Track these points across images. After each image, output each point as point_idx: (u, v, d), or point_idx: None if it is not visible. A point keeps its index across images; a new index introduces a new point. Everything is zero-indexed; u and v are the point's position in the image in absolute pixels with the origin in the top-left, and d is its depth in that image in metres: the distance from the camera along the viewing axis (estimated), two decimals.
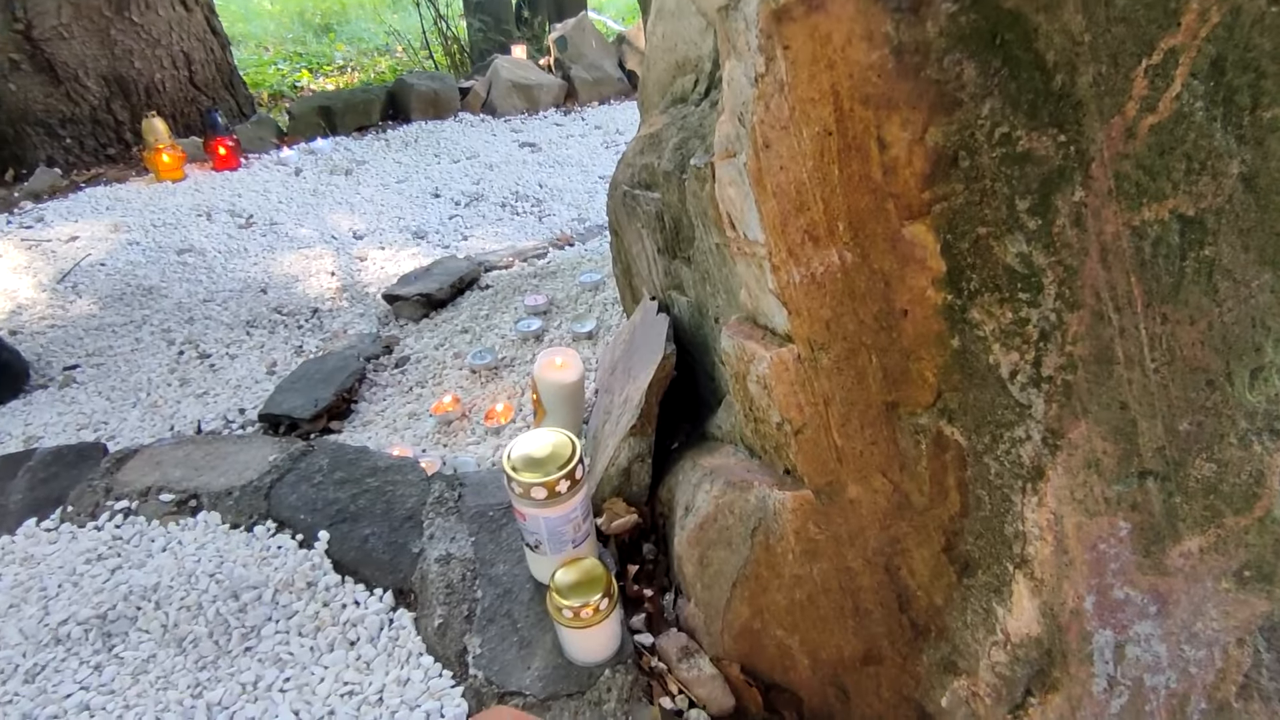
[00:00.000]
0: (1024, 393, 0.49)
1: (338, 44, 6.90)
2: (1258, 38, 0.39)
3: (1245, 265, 0.44)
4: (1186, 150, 0.42)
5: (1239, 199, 0.42)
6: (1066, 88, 0.42)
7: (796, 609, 0.71)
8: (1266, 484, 0.49)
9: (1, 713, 0.78)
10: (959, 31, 0.42)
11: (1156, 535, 0.51)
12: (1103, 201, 0.43)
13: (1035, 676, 0.58)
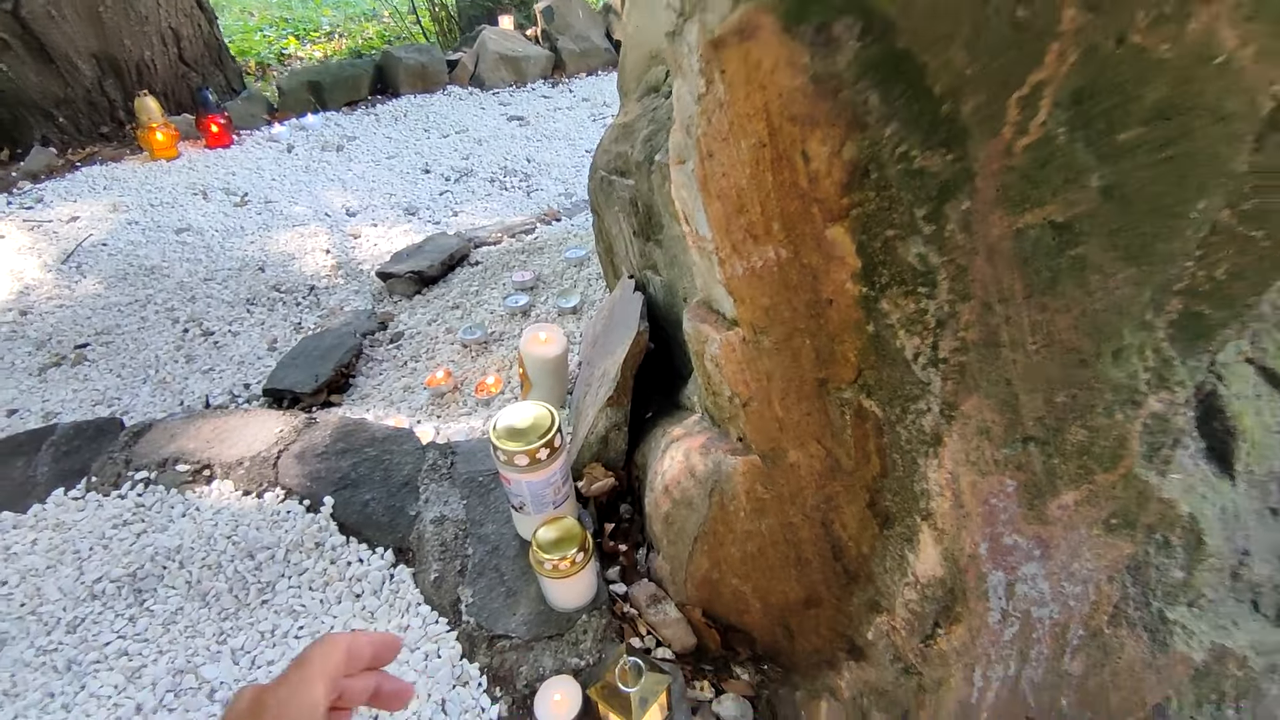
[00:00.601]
0: (925, 372, 0.58)
1: (324, 9, 6.80)
2: (1109, 74, 0.47)
3: (1110, 262, 0.52)
4: (1055, 166, 0.49)
5: (1102, 207, 0.50)
6: (953, 114, 0.49)
7: (748, 560, 0.81)
8: (1128, 447, 0.58)
9: (50, 659, 0.88)
10: (863, 65, 0.49)
11: (1038, 491, 0.60)
12: (987, 209, 0.51)
13: (941, 611, 0.67)
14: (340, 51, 5.61)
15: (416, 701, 0.81)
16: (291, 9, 6.94)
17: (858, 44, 0.48)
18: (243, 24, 6.30)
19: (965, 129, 0.49)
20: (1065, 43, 0.46)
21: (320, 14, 6.63)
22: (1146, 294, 0.53)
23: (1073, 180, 0.49)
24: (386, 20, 6.30)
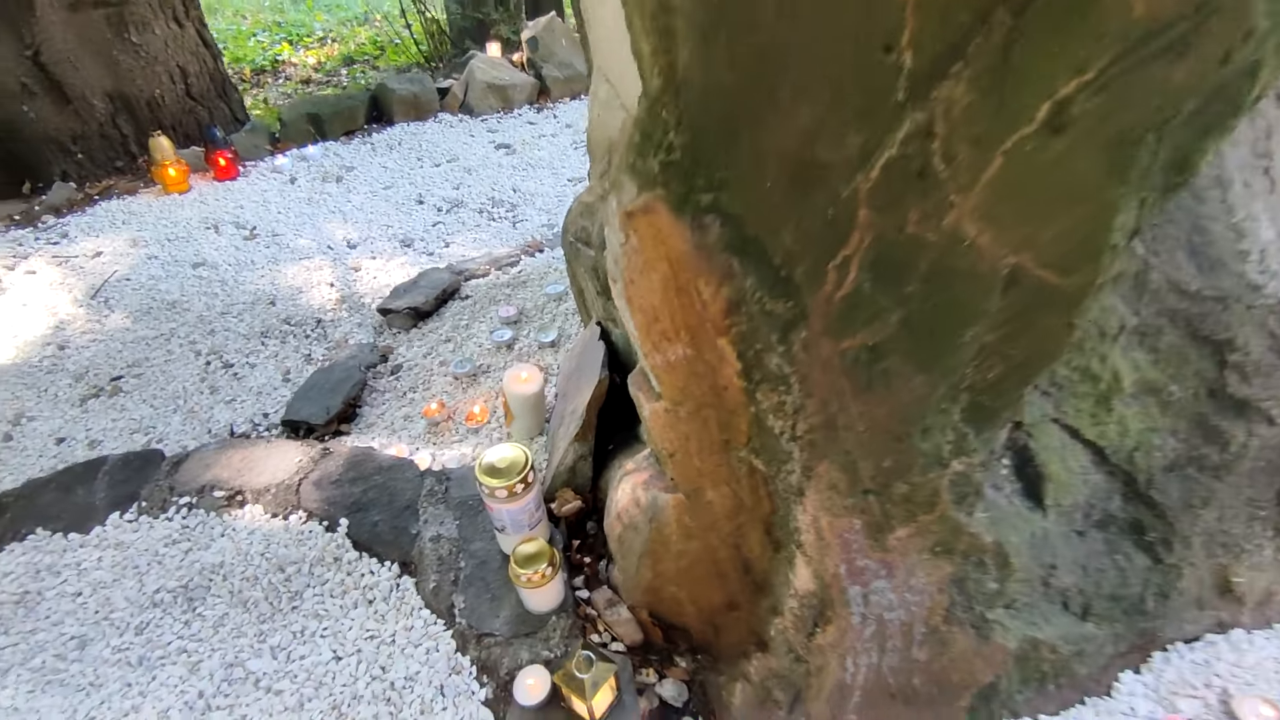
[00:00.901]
0: (789, 444, 0.79)
1: (316, 13, 6.90)
2: (894, 250, 0.67)
3: (909, 372, 0.73)
4: (863, 308, 0.70)
5: (899, 334, 0.71)
6: (789, 276, 0.69)
7: (682, 573, 1.02)
8: (940, 496, 0.79)
9: (124, 656, 1.09)
10: (725, 242, 0.69)
11: (879, 528, 0.81)
12: (819, 337, 0.71)
13: (818, 615, 0.89)
14: (333, 58, 5.74)
15: (421, 685, 1.03)
16: (283, 12, 7.04)
17: (720, 229, 0.69)
18: (235, 28, 6.41)
19: (798, 286, 0.70)
20: (862, 231, 0.67)
21: (313, 18, 6.74)
22: (940, 391, 0.74)
23: (876, 317, 0.70)
24: (379, 24, 6.42)
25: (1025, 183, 0.63)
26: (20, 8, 2.30)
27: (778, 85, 0.61)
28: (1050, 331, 0.71)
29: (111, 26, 2.45)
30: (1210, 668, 1.04)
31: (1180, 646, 1.07)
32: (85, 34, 2.42)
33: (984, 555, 0.85)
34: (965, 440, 0.77)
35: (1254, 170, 0.93)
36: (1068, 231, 0.65)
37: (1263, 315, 0.92)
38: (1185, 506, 0.98)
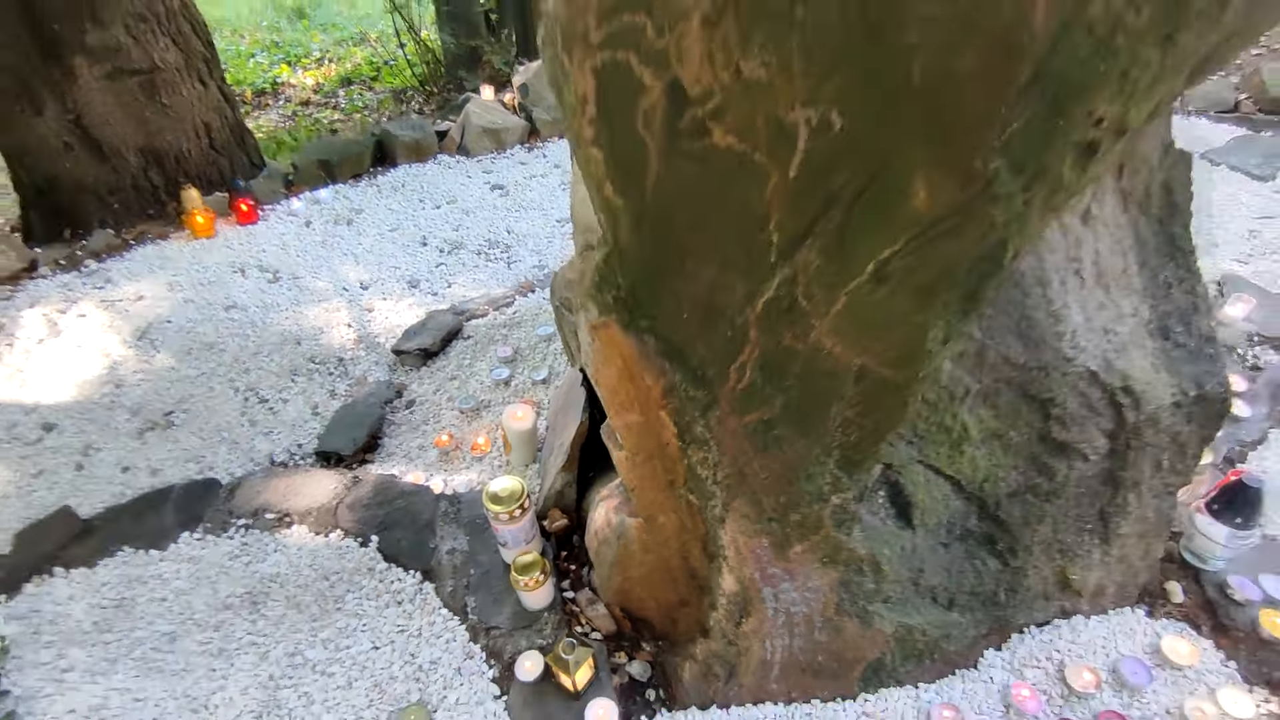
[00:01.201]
0: (712, 487, 1.08)
1: (313, 33, 7.15)
2: (777, 356, 0.97)
3: (793, 437, 1.02)
4: (758, 395, 0.99)
5: (784, 413, 1.00)
6: (703, 374, 0.98)
7: (644, 579, 1.32)
8: (824, 523, 1.09)
9: (208, 648, 1.38)
10: (659, 350, 0.99)
11: (781, 545, 1.11)
12: (728, 415, 1.01)
13: (741, 610, 1.19)
14: (331, 79, 6.00)
15: (442, 667, 1.32)
16: (280, 32, 7.29)
17: (655, 342, 0.99)
18: (235, 48, 6.66)
19: (710, 380, 1.00)
20: (752, 345, 0.96)
21: (310, 39, 6.99)
22: (816, 450, 1.04)
23: (766, 402, 1.00)
24: (374, 44, 6.67)
25: (862, 313, 0.93)
26: (64, 78, 2.57)
27: (686, 257, 0.91)
28: (891, 408, 1.01)
29: (144, 91, 2.72)
30: (1053, 644, 1.35)
31: (1033, 629, 1.38)
32: (121, 98, 2.69)
33: (862, 564, 1.15)
34: (840, 481, 1.07)
35: (1067, 271, 1.23)
36: (894, 343, 0.95)
37: (1074, 380, 1.22)
38: (1025, 523, 1.28)
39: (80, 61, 2.56)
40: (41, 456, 1.96)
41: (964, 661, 1.33)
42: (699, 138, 0.83)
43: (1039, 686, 1.30)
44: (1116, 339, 1.25)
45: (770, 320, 0.94)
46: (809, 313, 0.93)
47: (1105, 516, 1.33)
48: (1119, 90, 0.82)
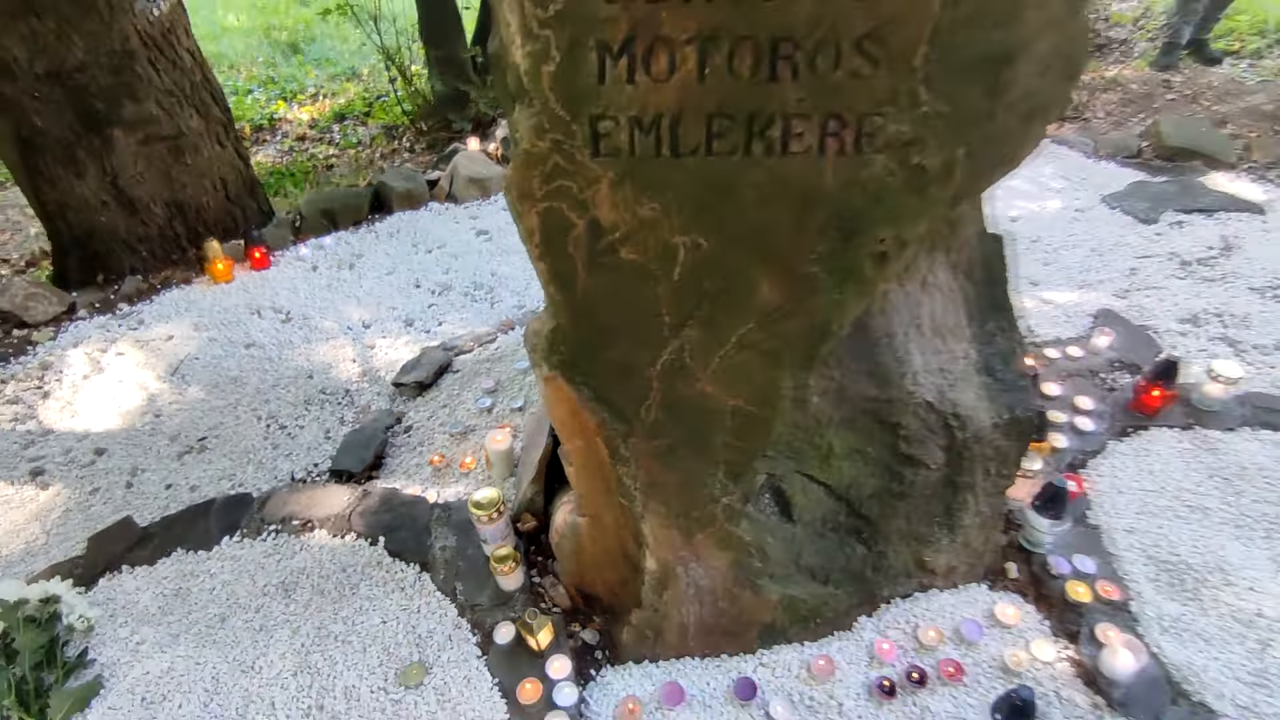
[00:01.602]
0: (635, 492, 1.47)
1: (307, 68, 7.52)
2: (674, 401, 1.36)
3: (689, 456, 1.42)
4: (661, 427, 1.38)
5: (680, 442, 1.40)
6: (623, 412, 1.38)
7: (593, 564, 1.71)
8: (717, 518, 1.49)
9: (251, 626, 1.76)
10: (592, 397, 1.38)
11: (687, 534, 1.51)
12: (640, 441, 1.40)
13: (662, 584, 1.58)
14: (326, 115, 6.38)
15: (437, 636, 1.71)
16: (275, 67, 7.65)
17: (589, 391, 1.39)
18: (232, 84, 7.01)
19: (628, 417, 1.39)
20: (655, 393, 1.36)
21: (305, 74, 7.37)
22: (707, 465, 1.44)
23: (668, 433, 1.40)
24: (366, 80, 7.05)
25: (730, 370, 1.33)
26: (104, 146, 2.96)
27: (607, 334, 1.31)
28: (758, 434, 1.41)
29: (171, 153, 3.11)
30: (911, 611, 1.75)
31: (897, 600, 1.77)
32: (151, 160, 3.08)
33: (750, 549, 1.55)
34: (727, 487, 1.47)
35: (910, 326, 1.64)
36: (755, 390, 1.36)
37: (916, 409, 1.62)
38: (884, 517, 1.69)
39: (118, 132, 2.95)
40: (95, 477, 2.33)
41: (841, 625, 1.73)
42: (611, 255, 1.24)
43: (898, 643, 1.69)
44: (950, 376, 1.65)
45: (667, 376, 1.34)
46: (693, 370, 1.34)
47: (950, 511, 1.73)
48: (891, 222, 1.23)
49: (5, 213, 4.45)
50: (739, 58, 1.07)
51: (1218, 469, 2.09)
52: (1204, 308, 2.80)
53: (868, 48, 1.07)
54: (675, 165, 1.15)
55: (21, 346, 2.86)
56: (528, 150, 1.15)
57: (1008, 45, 1.11)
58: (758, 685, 1.61)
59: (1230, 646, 1.66)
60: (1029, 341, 2.67)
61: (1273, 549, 1.87)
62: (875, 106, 1.11)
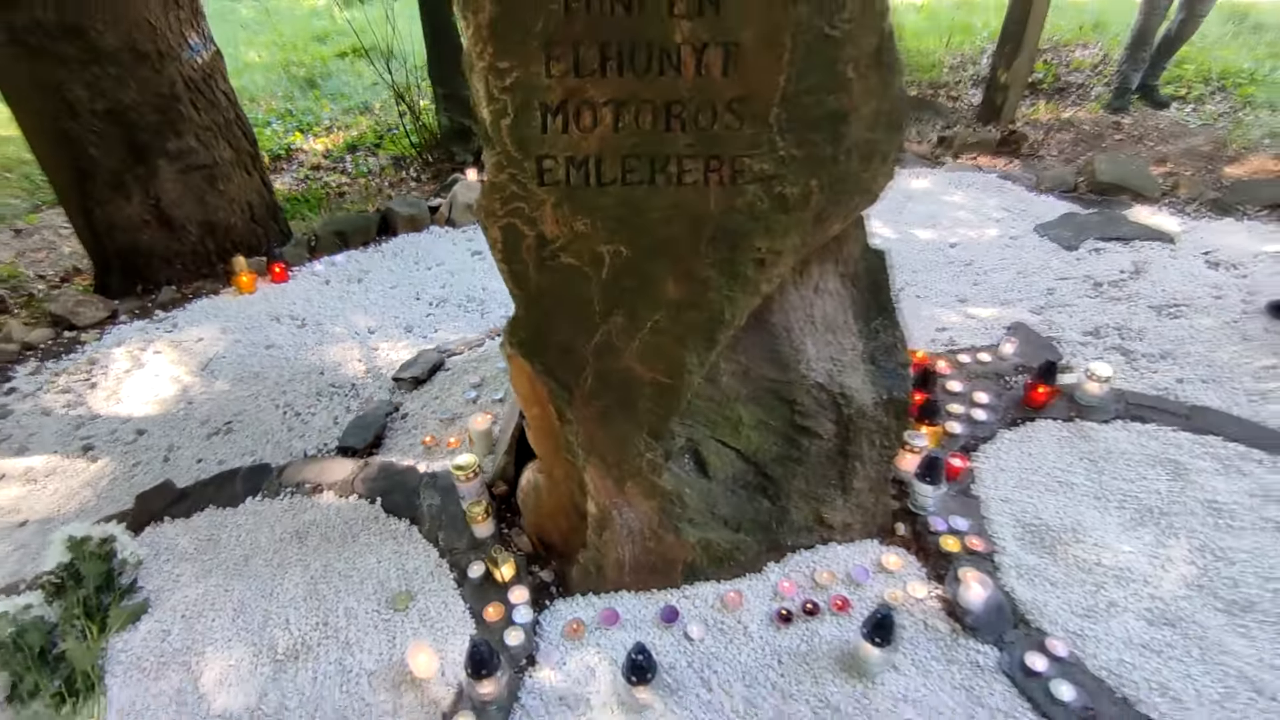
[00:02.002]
0: (578, 450, 1.86)
1: (323, 102, 8.04)
2: (605, 374, 1.76)
3: (620, 419, 1.82)
4: (597, 394, 1.78)
5: (613, 403, 1.79)
6: (567, 383, 1.77)
7: (550, 515, 2.10)
8: (642, 470, 1.88)
9: (273, 564, 2.14)
10: (544, 371, 1.78)
11: (619, 483, 1.89)
12: (582, 405, 1.79)
13: (600, 526, 1.96)
14: (339, 146, 6.87)
15: (422, 574, 2.09)
16: (294, 100, 8.17)
17: (542, 367, 1.79)
18: (253, 116, 7.52)
19: (570, 387, 1.79)
20: (590, 367, 1.76)
21: (320, 108, 7.88)
22: (633, 426, 1.83)
23: (601, 397, 1.79)
24: (377, 113, 7.56)
25: (648, 349, 1.74)
26: (148, 174, 3.42)
27: (553, 321, 1.72)
28: (672, 401, 1.81)
29: (205, 181, 3.57)
30: (812, 559, 2.13)
31: (801, 551, 2.15)
32: (188, 187, 3.53)
33: (671, 498, 1.94)
34: (650, 445, 1.86)
35: (805, 322, 2.04)
36: (668, 366, 1.76)
37: (809, 388, 2.02)
38: (786, 478, 2.07)
39: (162, 162, 3.41)
40: (138, 453, 2.73)
41: (752, 568, 2.10)
42: (554, 259, 1.65)
43: (797, 583, 2.07)
44: (839, 364, 2.05)
45: (599, 353, 1.75)
46: (619, 349, 1.74)
47: (842, 475, 2.12)
48: (766, 235, 1.64)
49: (41, 234, 4.91)
50: (642, 116, 1.49)
51: (1087, 453, 2.47)
52: (1106, 322, 3.20)
53: (736, 108, 1.49)
54: (600, 192, 1.57)
55: (71, 346, 3.29)
56: (491, 180, 1.58)
57: (841, 108, 1.53)
58: (679, 612, 1.99)
59: (1071, 589, 2.03)
60: (949, 350, 3.07)
61: (1122, 516, 2.24)
62: (743, 150, 1.53)
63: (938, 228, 4.12)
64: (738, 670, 1.86)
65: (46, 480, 2.59)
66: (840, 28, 1.44)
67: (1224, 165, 5.13)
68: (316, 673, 1.85)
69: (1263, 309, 3.20)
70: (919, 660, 1.88)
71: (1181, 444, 2.50)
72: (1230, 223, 4.07)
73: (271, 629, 1.96)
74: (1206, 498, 2.29)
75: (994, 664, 1.85)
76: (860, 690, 1.81)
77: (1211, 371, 2.87)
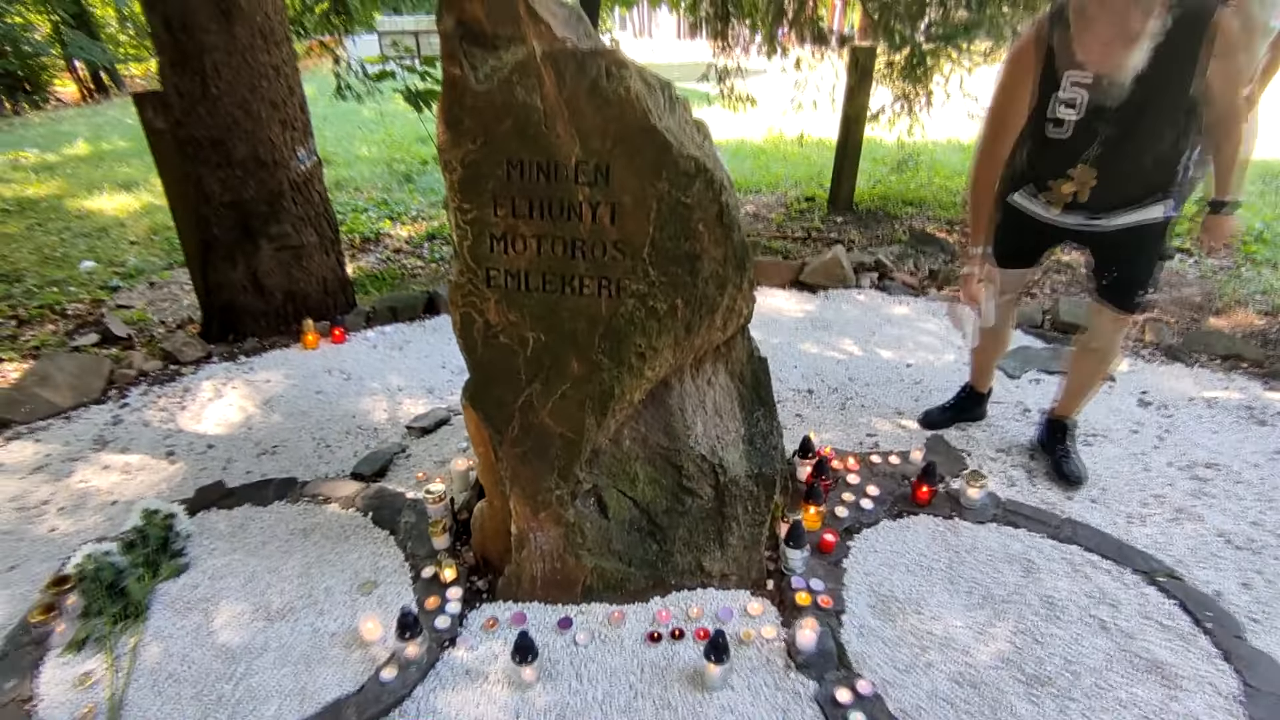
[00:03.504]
0: (506, 482, 2.48)
1: (414, 195, 9.27)
2: (528, 426, 2.40)
3: (536, 461, 2.44)
4: (519, 441, 2.41)
5: (530, 449, 2.42)
6: (499, 431, 2.41)
7: (491, 537, 2.71)
8: (552, 504, 2.48)
9: (283, 549, 2.82)
10: (485, 419, 2.43)
11: (535, 512, 2.49)
12: (509, 448, 2.43)
13: (520, 545, 2.56)
14: (420, 234, 7.92)
15: (389, 570, 2.72)
16: (390, 192, 9.43)
17: (483, 417, 2.46)
18: (353, 204, 8.75)
19: (500, 432, 2.44)
20: (516, 419, 2.41)
21: (411, 199, 9.10)
22: (546, 467, 2.45)
23: (523, 444, 2.43)
24: None
25: (558, 410, 2.38)
26: (253, 250, 4.38)
27: (493, 382, 2.39)
28: (575, 452, 2.43)
29: (293, 259, 4.51)
30: (689, 598, 2.64)
31: (684, 590, 2.67)
32: (280, 262, 4.48)
33: (574, 529, 2.53)
34: (559, 483, 2.48)
35: (697, 405, 2.65)
36: (572, 424, 2.40)
37: (694, 458, 2.60)
38: (672, 528, 2.63)
39: (263, 242, 4.38)
40: (205, 461, 3.51)
41: (639, 597, 2.63)
42: (495, 339, 2.34)
43: (673, 614, 2.59)
44: (721, 441, 2.64)
45: (523, 410, 2.40)
46: (538, 408, 2.40)
47: (720, 532, 2.66)
48: (644, 336, 2.30)
49: (169, 288, 6.01)
50: (556, 246, 2.20)
51: (954, 545, 2.92)
52: (1020, 443, 3.65)
53: (619, 246, 2.18)
54: (526, 295, 2.27)
55: (173, 376, 4.19)
56: (456, 281, 2.31)
57: (694, 251, 2.20)
58: (573, 621, 2.54)
59: (898, 648, 2.48)
60: (867, 451, 3.57)
61: (966, 599, 2.68)
62: (624, 275, 2.21)
63: (901, 349, 4.66)
64: (607, 670, 2.38)
65: (137, 473, 3.39)
66: (691, 197, 2.13)
67: (1210, 316, 5.48)
68: (295, 628, 2.48)
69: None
70: (753, 685, 2.35)
71: (1043, 549, 2.91)
72: (1179, 368, 4.43)
73: (270, 594, 2.62)
74: (1045, 593, 2.69)
75: (810, 694, 2.30)
76: (697, 699, 2.30)
77: (1102, 495, 3.27)
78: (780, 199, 8.46)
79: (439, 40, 2.10)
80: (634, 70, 2.05)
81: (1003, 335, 3.55)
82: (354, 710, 2.16)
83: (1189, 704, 2.27)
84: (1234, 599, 2.69)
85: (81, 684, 2.25)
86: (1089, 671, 2.38)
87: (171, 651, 2.40)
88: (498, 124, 2.09)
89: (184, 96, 3.94)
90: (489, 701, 2.26)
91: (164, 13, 3.76)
